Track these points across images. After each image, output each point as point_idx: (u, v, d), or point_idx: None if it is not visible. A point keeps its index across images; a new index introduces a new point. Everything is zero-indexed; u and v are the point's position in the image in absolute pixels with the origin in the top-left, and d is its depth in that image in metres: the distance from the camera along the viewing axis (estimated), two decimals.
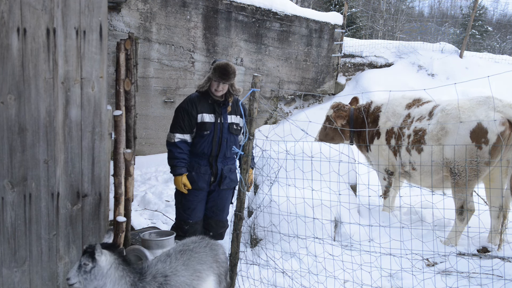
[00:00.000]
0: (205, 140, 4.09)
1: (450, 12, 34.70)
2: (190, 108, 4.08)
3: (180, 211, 4.19)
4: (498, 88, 9.83)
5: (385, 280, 4.15)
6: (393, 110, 5.50)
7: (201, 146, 4.10)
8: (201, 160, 4.12)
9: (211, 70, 4.03)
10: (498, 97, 4.63)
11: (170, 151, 4.14)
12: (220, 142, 4.13)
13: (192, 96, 4.17)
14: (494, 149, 4.50)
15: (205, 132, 4.08)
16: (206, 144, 4.10)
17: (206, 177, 4.13)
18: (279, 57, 10.48)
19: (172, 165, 4.11)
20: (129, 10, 8.55)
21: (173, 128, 4.13)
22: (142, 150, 9.05)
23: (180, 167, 4.08)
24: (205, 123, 4.08)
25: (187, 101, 4.13)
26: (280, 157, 4.16)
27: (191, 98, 4.14)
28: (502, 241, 4.65)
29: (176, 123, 4.12)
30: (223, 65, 3.99)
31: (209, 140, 4.10)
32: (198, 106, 4.08)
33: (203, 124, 4.08)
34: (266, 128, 9.75)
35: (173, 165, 4.10)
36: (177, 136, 4.10)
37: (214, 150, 4.12)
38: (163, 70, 9.14)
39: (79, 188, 3.17)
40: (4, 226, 3.02)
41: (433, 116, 5.00)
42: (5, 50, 2.85)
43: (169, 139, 4.14)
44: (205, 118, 4.09)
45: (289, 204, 4.25)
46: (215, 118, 4.11)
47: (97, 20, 3.04)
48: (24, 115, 2.96)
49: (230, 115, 4.19)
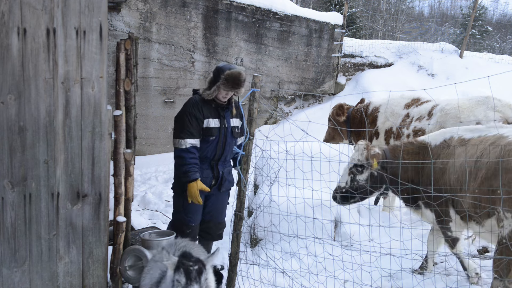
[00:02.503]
0: (210, 145, 4.00)
1: (450, 12, 34.71)
2: (197, 112, 3.91)
3: (181, 215, 4.08)
4: (498, 88, 9.82)
5: (385, 280, 4.15)
6: (392, 110, 5.51)
7: (205, 150, 4.01)
8: (203, 164, 4.02)
9: (222, 79, 3.82)
10: (497, 97, 4.64)
11: (181, 157, 3.89)
12: (224, 146, 4.06)
13: (195, 99, 3.99)
14: None
15: (211, 137, 3.97)
16: (210, 148, 4.01)
17: (208, 181, 4.08)
18: (279, 57, 10.48)
19: (185, 171, 3.87)
20: (129, 10, 8.56)
21: (182, 134, 3.90)
22: (142, 150, 9.06)
23: (194, 172, 3.87)
24: (211, 128, 3.96)
25: (192, 105, 3.95)
26: (280, 157, 4.16)
27: (195, 102, 3.96)
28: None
29: (184, 128, 3.90)
30: (236, 75, 3.81)
31: (214, 145, 4.01)
32: (203, 110, 3.93)
33: (209, 129, 3.96)
34: (266, 128, 9.75)
35: (186, 171, 3.86)
36: (188, 142, 3.88)
37: (217, 154, 4.06)
38: (163, 70, 9.14)
39: (79, 188, 3.17)
40: (4, 226, 3.03)
41: (433, 116, 5.00)
42: (5, 50, 2.86)
43: (179, 145, 3.90)
44: (210, 123, 3.96)
45: (289, 204, 4.26)
46: (220, 122, 4.00)
47: (97, 20, 3.04)
48: (24, 115, 2.96)
49: (232, 119, 4.11)
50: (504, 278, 3.28)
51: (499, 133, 3.55)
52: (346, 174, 4.06)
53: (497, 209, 3.28)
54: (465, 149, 3.61)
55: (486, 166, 3.38)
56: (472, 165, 3.50)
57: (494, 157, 3.36)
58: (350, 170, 4.02)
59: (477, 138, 3.68)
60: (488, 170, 3.37)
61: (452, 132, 3.85)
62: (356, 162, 3.97)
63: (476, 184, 3.42)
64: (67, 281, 3.23)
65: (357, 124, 5.83)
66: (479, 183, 3.39)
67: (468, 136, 3.74)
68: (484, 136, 3.64)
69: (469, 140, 3.70)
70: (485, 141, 3.55)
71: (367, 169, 3.94)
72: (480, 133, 3.71)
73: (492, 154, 3.39)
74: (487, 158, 3.41)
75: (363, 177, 3.96)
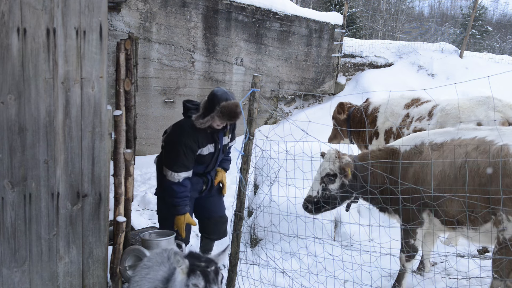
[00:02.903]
0: (202, 164, 4.02)
1: (450, 12, 34.71)
2: (193, 144, 3.78)
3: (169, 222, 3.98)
4: (498, 88, 9.81)
5: (385, 280, 4.15)
6: (392, 110, 5.51)
7: (196, 168, 3.99)
8: (193, 175, 4.02)
9: (217, 111, 3.67)
10: (498, 97, 4.63)
11: (172, 189, 3.80)
12: (215, 162, 4.12)
13: (189, 128, 3.79)
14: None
15: (204, 162, 3.99)
16: (202, 167, 4.06)
17: (198, 187, 4.12)
18: (279, 57, 10.48)
19: (174, 205, 3.82)
20: (129, 10, 8.56)
21: (176, 167, 3.77)
22: (142, 150, 9.06)
23: (184, 206, 3.83)
24: (205, 156, 3.93)
25: (187, 136, 3.77)
26: (280, 157, 4.16)
27: (189, 132, 3.78)
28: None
29: (178, 161, 3.76)
30: (232, 108, 3.67)
31: (206, 164, 4.05)
32: (199, 139, 3.81)
33: (203, 156, 3.93)
34: (266, 128, 9.75)
35: (176, 205, 3.81)
36: (182, 175, 3.80)
37: (208, 169, 4.13)
38: (163, 70, 9.14)
39: (79, 188, 3.17)
40: (4, 226, 3.03)
41: (433, 116, 5.00)
42: (5, 50, 2.86)
43: (172, 178, 3.79)
44: (204, 150, 3.90)
45: (289, 204, 4.25)
46: (214, 147, 3.97)
47: (97, 20, 3.04)
48: (24, 115, 2.96)
49: (225, 137, 4.07)
50: (505, 278, 3.27)
51: (478, 136, 3.41)
52: (317, 183, 3.91)
53: (496, 212, 3.24)
54: (442, 153, 3.49)
55: (479, 173, 3.25)
56: (456, 171, 3.37)
57: (485, 163, 3.24)
58: (321, 179, 3.89)
59: (450, 142, 3.54)
60: (481, 176, 3.25)
61: (422, 137, 3.73)
62: (328, 171, 3.84)
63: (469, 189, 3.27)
64: (67, 281, 3.23)
65: (357, 123, 5.84)
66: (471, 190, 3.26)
67: (440, 140, 3.60)
68: (459, 139, 3.50)
69: (441, 144, 3.58)
70: (464, 145, 3.40)
71: (339, 178, 3.83)
72: (452, 136, 3.56)
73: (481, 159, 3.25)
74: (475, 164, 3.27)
75: (335, 186, 3.83)
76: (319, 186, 3.89)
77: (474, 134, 3.48)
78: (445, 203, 3.45)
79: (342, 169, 3.79)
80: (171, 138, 3.86)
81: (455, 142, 3.51)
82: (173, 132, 3.89)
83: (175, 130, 3.89)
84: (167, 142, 3.90)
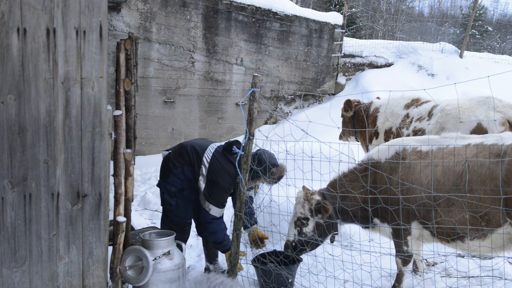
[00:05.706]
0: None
1: (450, 12, 34.70)
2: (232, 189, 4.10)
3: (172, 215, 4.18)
4: (498, 88, 9.81)
5: (385, 280, 4.15)
6: (392, 110, 5.52)
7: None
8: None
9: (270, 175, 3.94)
10: (498, 97, 4.63)
11: (218, 224, 4.03)
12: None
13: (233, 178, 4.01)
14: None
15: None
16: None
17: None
18: (279, 57, 10.48)
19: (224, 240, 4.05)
20: (129, 10, 8.56)
21: (222, 203, 4.04)
22: (142, 150, 9.06)
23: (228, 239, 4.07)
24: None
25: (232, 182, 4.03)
26: (280, 157, 4.16)
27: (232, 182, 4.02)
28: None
29: (225, 200, 4.07)
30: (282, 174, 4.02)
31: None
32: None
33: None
34: (266, 128, 9.75)
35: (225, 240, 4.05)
36: (222, 212, 4.08)
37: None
38: (163, 70, 9.14)
39: (79, 188, 3.17)
40: (4, 226, 3.02)
41: (433, 116, 5.00)
42: (5, 50, 2.86)
43: (216, 214, 4.01)
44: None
45: (289, 204, 4.25)
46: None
47: (97, 20, 3.04)
48: (24, 115, 2.96)
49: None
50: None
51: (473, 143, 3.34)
52: (292, 227, 3.94)
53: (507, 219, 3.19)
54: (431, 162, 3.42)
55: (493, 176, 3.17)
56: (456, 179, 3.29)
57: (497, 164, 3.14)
58: (295, 223, 3.92)
59: (437, 150, 3.45)
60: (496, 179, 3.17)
61: (402, 143, 3.66)
62: (300, 215, 3.86)
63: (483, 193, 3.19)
64: (67, 281, 3.23)
65: (360, 122, 5.89)
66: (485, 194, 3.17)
67: (425, 149, 3.53)
68: (447, 147, 3.42)
69: (427, 153, 3.49)
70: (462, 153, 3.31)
71: (312, 220, 3.85)
72: (438, 144, 3.48)
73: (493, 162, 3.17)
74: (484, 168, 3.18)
75: (309, 229, 3.86)
76: (294, 230, 3.93)
77: (466, 141, 3.42)
78: (439, 214, 3.37)
79: (313, 211, 3.80)
80: (224, 176, 3.98)
81: (446, 150, 3.43)
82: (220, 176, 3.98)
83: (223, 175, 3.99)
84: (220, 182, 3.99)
